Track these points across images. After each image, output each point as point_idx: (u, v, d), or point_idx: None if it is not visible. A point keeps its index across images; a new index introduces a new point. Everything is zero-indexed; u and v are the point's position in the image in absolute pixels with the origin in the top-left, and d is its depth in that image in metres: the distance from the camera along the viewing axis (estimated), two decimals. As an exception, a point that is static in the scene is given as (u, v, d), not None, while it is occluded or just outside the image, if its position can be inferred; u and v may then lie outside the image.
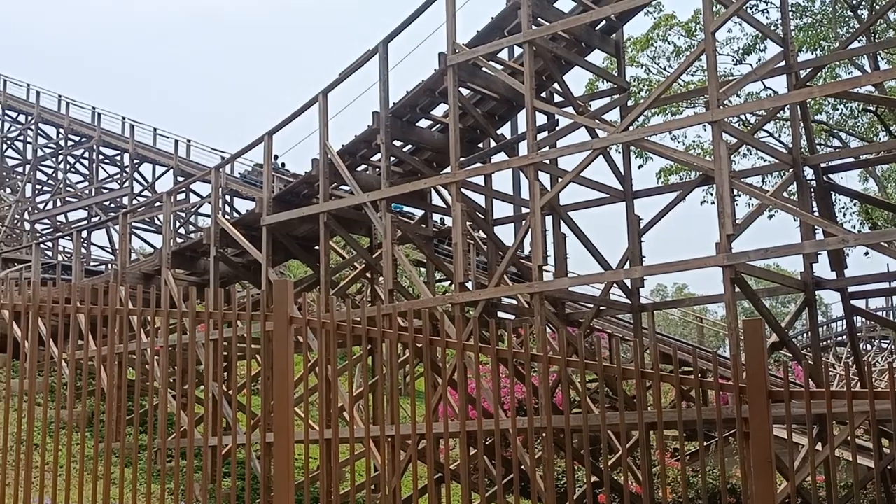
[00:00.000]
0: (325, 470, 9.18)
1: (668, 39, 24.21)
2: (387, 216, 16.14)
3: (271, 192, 18.60)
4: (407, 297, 18.75)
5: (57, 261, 33.06)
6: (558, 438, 12.30)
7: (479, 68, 16.50)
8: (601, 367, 7.69)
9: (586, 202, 17.21)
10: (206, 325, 9.38)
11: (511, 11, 16.16)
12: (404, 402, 20.76)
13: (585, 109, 17.05)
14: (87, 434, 8.54)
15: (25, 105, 43.57)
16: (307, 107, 17.92)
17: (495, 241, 17.55)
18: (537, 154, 14.87)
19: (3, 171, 45.01)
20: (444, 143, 16.66)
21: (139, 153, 38.90)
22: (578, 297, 17.11)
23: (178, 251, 20.88)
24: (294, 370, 8.54)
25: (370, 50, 16.99)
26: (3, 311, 9.48)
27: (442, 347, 7.97)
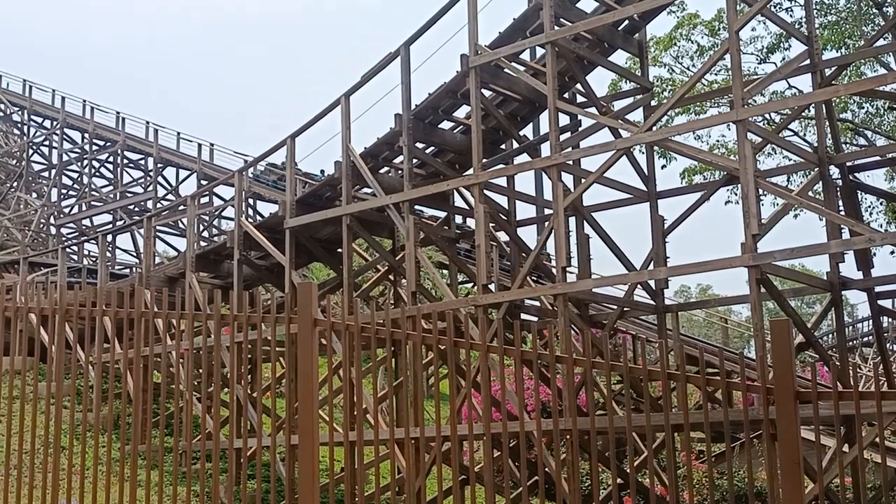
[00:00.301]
0: (350, 472, 9.18)
1: (691, 39, 24.06)
2: (409, 218, 16.15)
3: (294, 195, 18.64)
4: (430, 299, 18.74)
5: (82, 264, 33.31)
6: (583, 441, 12.23)
7: (501, 69, 16.48)
8: (626, 369, 7.64)
9: (610, 203, 17.14)
10: (231, 328, 9.41)
11: (533, 12, 16.13)
12: (428, 405, 20.75)
13: (608, 110, 16.98)
14: (114, 437, 8.58)
15: (51, 110, 43.95)
16: (329, 109, 17.96)
17: (518, 243, 17.51)
18: (560, 155, 14.82)
19: (29, 176, 45.39)
20: (467, 145, 16.64)
21: (163, 157, 39.14)
22: (602, 298, 17.03)
23: (201, 254, 20.96)
24: (318, 372, 8.54)
25: (392, 52, 17.01)
26: (30, 315, 9.54)
27: (466, 349, 7.95)
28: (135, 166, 42.36)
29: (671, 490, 7.99)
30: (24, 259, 26.49)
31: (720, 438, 13.72)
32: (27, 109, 44.83)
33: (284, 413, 15.41)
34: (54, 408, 8.66)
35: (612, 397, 16.51)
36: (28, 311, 9.36)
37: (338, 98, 17.69)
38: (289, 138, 18.71)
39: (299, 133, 18.68)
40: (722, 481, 15.49)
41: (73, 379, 8.98)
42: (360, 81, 17.58)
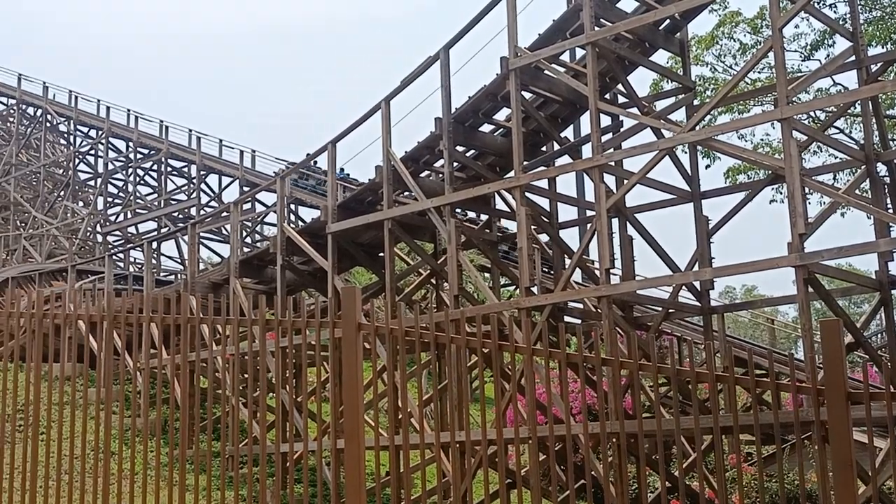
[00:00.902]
0: (395, 476, 9.18)
1: (733, 37, 23.78)
2: (451, 222, 16.13)
3: (335, 200, 18.72)
4: (472, 302, 18.74)
5: (128, 272, 33.74)
6: (630, 444, 12.13)
7: (541, 71, 16.42)
8: (674, 371, 7.56)
9: (653, 204, 16.98)
10: (276, 333, 9.46)
11: (573, 13, 16.06)
12: (473, 409, 20.72)
13: (650, 110, 16.85)
14: (162, 442, 8.66)
15: (96, 120, 44.57)
16: (370, 114, 18.01)
17: (560, 245, 17.42)
18: (602, 156, 14.73)
19: (76, 185, 46.08)
20: (507, 148, 16.60)
21: (206, 164, 39.51)
22: (646, 299, 16.90)
23: (245, 260, 21.12)
24: (363, 377, 8.55)
25: (431, 56, 17.02)
26: (78, 322, 9.66)
27: (511, 352, 7.91)
28: (178, 174, 42.83)
29: (720, 493, 7.88)
30: (72, 267, 26.85)
31: (769, 441, 13.53)
32: (73, 120, 45.51)
33: (329, 417, 15.48)
34: (103, 413, 8.75)
35: (659, 400, 16.38)
36: (77, 318, 9.48)
37: (378, 103, 17.73)
38: (330, 144, 18.79)
39: (340, 138, 18.75)
40: (772, 484, 15.28)
41: (122, 385, 9.08)
42: (399, 86, 17.61)
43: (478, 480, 14.04)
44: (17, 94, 47.82)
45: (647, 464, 13.58)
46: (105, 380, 8.95)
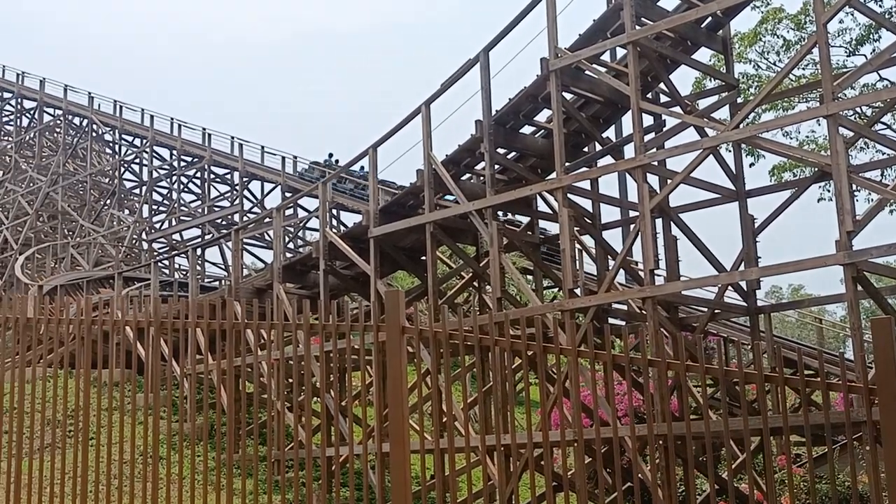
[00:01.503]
0: (440, 479, 9.15)
1: (776, 33, 23.46)
2: (493, 224, 16.10)
3: (377, 205, 18.76)
4: (515, 304, 18.67)
5: (174, 278, 34.12)
6: (677, 446, 12.01)
7: (582, 72, 16.33)
8: (722, 372, 7.46)
9: (697, 203, 16.79)
10: (320, 338, 9.48)
11: (613, 13, 15.95)
12: (517, 412, 20.64)
13: (693, 108, 16.69)
14: (208, 446, 8.73)
15: (140, 129, 45.17)
16: (410, 118, 18.03)
17: (604, 246, 17.30)
18: (645, 156, 14.60)
19: (121, 194, 46.70)
20: (549, 149, 16.52)
21: (248, 171, 39.86)
22: (692, 300, 16.72)
23: (288, 265, 21.23)
24: (407, 380, 8.55)
25: (471, 59, 17.01)
26: (126, 328, 9.76)
27: (556, 355, 7.86)
28: (221, 181, 43.26)
29: (769, 495, 7.76)
30: (119, 274, 27.19)
31: (819, 442, 13.33)
32: (118, 129, 46.16)
33: (374, 421, 15.52)
34: (152, 418, 8.83)
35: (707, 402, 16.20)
36: (125, 325, 9.58)
37: (418, 106, 17.76)
38: (370, 148, 18.84)
39: (381, 142, 18.80)
40: (822, 485, 15.04)
41: (169, 390, 9.15)
42: (439, 89, 17.62)
43: (524, 483, 13.98)
44: (64, 105, 48.63)
45: (694, 466, 13.45)
46: (153, 385, 9.03)
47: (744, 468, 14.39)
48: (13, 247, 46.16)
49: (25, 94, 51.94)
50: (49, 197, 47.64)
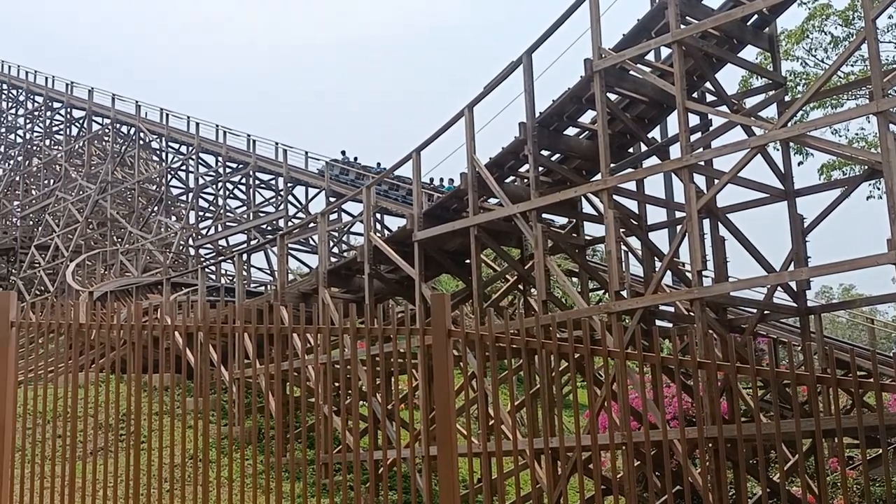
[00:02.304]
0: (488, 482, 9.11)
1: (824, 30, 23.12)
2: (538, 227, 16.03)
3: (420, 209, 18.78)
4: (560, 307, 18.58)
5: (220, 283, 34.48)
6: (727, 449, 11.86)
7: (626, 72, 16.21)
8: (773, 374, 7.34)
9: (745, 203, 16.57)
10: (366, 341, 9.51)
11: (658, 12, 15.83)
12: (564, 415, 20.54)
13: (740, 107, 16.50)
14: (256, 450, 8.78)
15: (186, 136, 45.77)
16: (453, 122, 18.02)
17: (650, 248, 17.15)
18: (691, 156, 14.45)
19: (168, 201, 47.31)
20: (593, 150, 16.42)
21: (292, 176, 40.15)
22: (740, 301, 16.50)
23: (333, 270, 21.31)
24: (454, 383, 8.53)
25: (514, 61, 16.96)
26: (175, 333, 9.86)
27: (604, 357, 7.79)
28: (266, 186, 43.63)
29: (822, 498, 7.63)
30: (167, 280, 27.53)
31: (872, 444, 13.09)
32: (165, 137, 46.79)
33: (420, 425, 15.52)
34: (201, 422, 8.90)
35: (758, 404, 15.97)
36: (174, 330, 9.68)
37: (461, 110, 17.74)
38: (414, 152, 18.86)
39: (424, 146, 18.81)
40: (876, 488, 14.77)
41: (219, 394, 9.24)
42: (483, 92, 17.58)
43: (572, 487, 13.89)
44: (112, 114, 49.42)
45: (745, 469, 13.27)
46: (202, 390, 9.12)
47: (795, 471, 14.18)
48: (64, 254, 46.96)
49: (75, 104, 52.90)
50: (98, 204, 48.40)
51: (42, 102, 56.08)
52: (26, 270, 50.09)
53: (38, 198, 54.67)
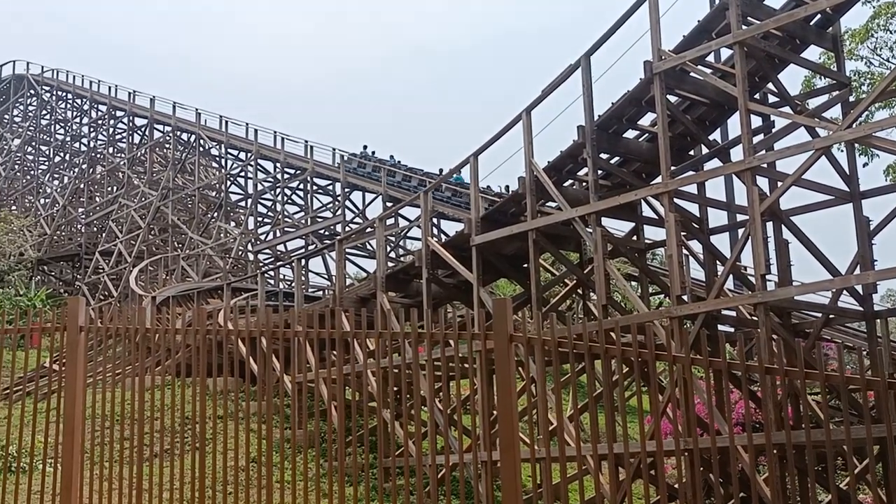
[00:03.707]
0: (548, 488, 9.07)
1: (889, 29, 22.63)
2: (597, 231, 15.93)
3: (478, 213, 18.77)
4: (620, 311, 18.42)
5: (279, 288, 34.82)
6: (793, 455, 11.64)
7: (686, 74, 16.06)
8: (843, 379, 7.19)
9: (809, 205, 16.29)
10: (427, 345, 9.51)
11: (718, 13, 15.65)
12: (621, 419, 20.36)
13: (803, 108, 16.22)
14: (315, 452, 8.84)
15: (245, 143, 46.36)
16: (511, 126, 18.01)
17: (712, 251, 16.93)
18: (754, 158, 14.25)
19: (227, 206, 47.95)
20: (653, 153, 16.28)
21: (349, 182, 40.43)
22: (805, 305, 16.22)
23: (391, 274, 21.40)
24: (516, 387, 8.50)
25: (572, 64, 16.89)
26: (232, 337, 9.97)
27: (669, 363, 7.71)
28: (323, 192, 43.98)
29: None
30: (228, 285, 27.88)
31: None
32: (224, 143, 47.45)
33: (479, 429, 15.50)
34: (262, 425, 9.00)
35: (818, 410, 15.67)
36: (238, 335, 9.78)
37: (519, 114, 17.71)
38: (472, 156, 18.87)
39: (481, 151, 18.83)
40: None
41: (282, 398, 9.32)
42: (540, 95, 17.54)
43: (636, 494, 13.77)
44: (173, 122, 50.27)
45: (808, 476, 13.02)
46: (267, 393, 9.21)
47: (864, 479, 13.89)
48: (127, 259, 47.85)
49: (137, 112, 53.93)
50: (160, 211, 49.24)
51: (105, 111, 57.30)
52: (91, 276, 51.15)
53: (101, 204, 55.84)
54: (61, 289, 53.91)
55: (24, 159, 65.97)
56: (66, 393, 9.63)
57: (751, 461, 7.42)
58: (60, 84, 62.43)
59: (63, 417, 9.55)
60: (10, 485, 9.78)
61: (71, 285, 54.09)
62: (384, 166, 38.73)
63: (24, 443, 10.10)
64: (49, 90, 64.00)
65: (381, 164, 39.77)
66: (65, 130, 63.38)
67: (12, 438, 10.20)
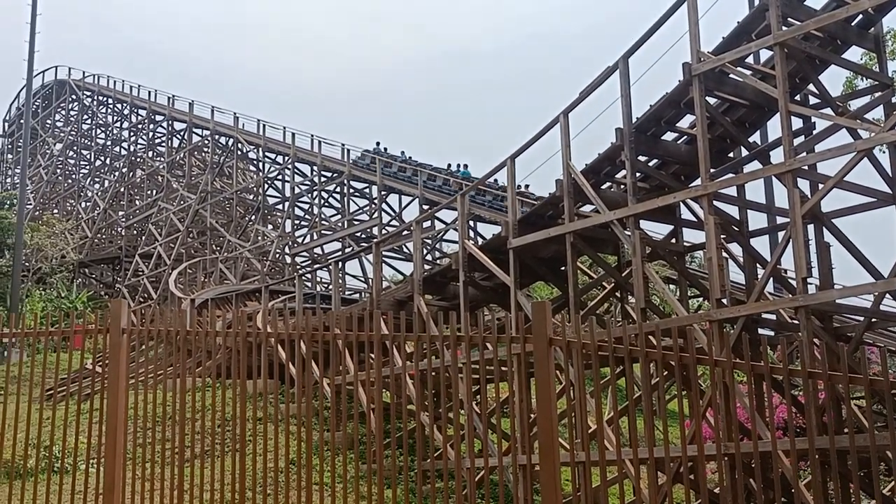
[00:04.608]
0: (586, 492, 9.02)
1: (933, 28, 22.31)
2: (635, 233, 15.84)
3: (515, 216, 18.75)
4: (659, 315, 18.29)
5: (316, 291, 35.00)
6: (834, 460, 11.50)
7: (725, 75, 15.93)
8: (888, 384, 7.09)
9: (851, 208, 16.08)
10: (466, 348, 9.52)
11: (758, 14, 15.51)
12: (659, 423, 20.21)
13: (845, 110, 16.02)
14: (351, 455, 8.87)
15: (282, 146, 46.67)
16: (548, 128, 17.96)
17: (752, 254, 16.77)
18: (795, 160, 14.09)
19: (265, 210, 48.29)
20: (692, 155, 16.16)
21: (386, 185, 40.54)
22: (847, 309, 16.00)
23: (428, 277, 21.42)
24: (555, 391, 8.48)
25: (610, 66, 16.81)
26: (271, 340, 10.03)
27: (710, 367, 7.64)
28: (360, 195, 44.13)
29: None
30: (265, 287, 28.05)
31: None
32: (262, 147, 47.80)
33: (517, 433, 15.46)
34: (299, 428, 9.05)
35: (863, 415, 15.46)
36: (277, 337, 9.85)
37: (556, 116, 17.67)
38: (509, 159, 18.85)
39: (519, 154, 18.80)
40: None
41: (321, 401, 9.36)
42: (578, 98, 17.48)
43: (676, 498, 13.66)
44: (211, 126, 50.73)
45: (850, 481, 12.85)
46: (306, 396, 9.26)
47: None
48: (166, 262, 48.37)
49: (176, 116, 54.53)
50: (198, 214, 49.72)
51: (145, 115, 58.00)
52: (130, 278, 51.76)
53: (141, 208, 56.50)
54: (102, 291, 54.64)
55: (66, 163, 66.99)
56: (109, 394, 9.74)
57: (793, 466, 7.33)
58: (101, 89, 63.33)
59: (105, 418, 9.67)
60: (53, 485, 9.91)
61: (111, 287, 54.78)
62: (410, 166, 39.62)
63: (67, 443, 10.22)
64: (90, 95, 64.97)
65: (392, 159, 40.55)
66: (105, 135, 64.31)
67: (55, 439, 10.32)
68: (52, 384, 14.87)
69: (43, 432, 10.12)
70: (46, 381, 22.00)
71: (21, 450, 11.13)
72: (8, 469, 11.17)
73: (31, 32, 44.56)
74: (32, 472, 11.40)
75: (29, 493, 10.10)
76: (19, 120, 67.28)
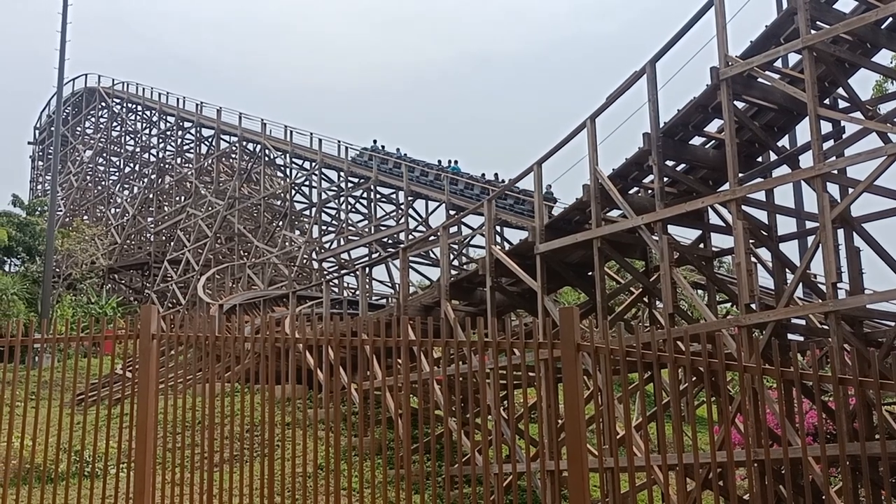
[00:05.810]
0: (614, 498, 8.99)
1: (964, 30, 22.04)
2: (663, 238, 15.78)
3: (542, 221, 18.73)
4: (687, 320, 18.20)
5: (343, 296, 35.11)
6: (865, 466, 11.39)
7: (754, 79, 15.84)
8: (921, 391, 7.02)
9: (881, 212, 15.93)
10: (494, 354, 9.52)
11: (786, 17, 15.41)
12: (687, 429, 20.09)
13: (875, 113, 15.88)
14: (379, 461, 8.88)
15: (309, 152, 46.86)
16: (575, 133, 17.94)
17: (781, 259, 16.65)
18: (824, 164, 13.99)
19: (292, 215, 48.50)
20: (720, 160, 16.08)
21: (412, 190, 40.61)
22: (877, 314, 15.86)
23: (454, 283, 21.43)
24: (583, 397, 8.46)
25: (637, 71, 16.78)
26: (299, 345, 10.08)
27: (740, 372, 7.60)
28: (387, 200, 44.21)
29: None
30: (293, 293, 28.17)
31: None
32: (289, 153, 48.02)
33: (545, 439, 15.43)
34: (327, 433, 9.08)
35: (894, 421, 15.30)
36: (305, 343, 9.89)
37: (583, 121, 17.64)
38: (535, 164, 18.84)
39: (545, 159, 18.79)
40: None
41: (349, 405, 9.39)
42: (605, 103, 17.45)
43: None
44: (239, 132, 51.05)
45: (882, 488, 12.72)
46: (335, 400, 9.29)
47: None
48: (195, 268, 48.70)
49: (204, 123, 54.93)
50: (226, 220, 50.03)
51: (174, 122, 58.48)
52: (159, 284, 52.15)
53: (170, 214, 56.95)
54: (131, 296, 55.07)
55: (96, 170, 67.67)
56: (139, 399, 9.83)
57: (824, 473, 7.27)
58: (130, 96, 63.93)
59: (135, 423, 9.75)
60: (84, 489, 10.01)
61: (140, 293, 55.22)
62: (390, 158, 40.80)
63: (98, 448, 10.33)
64: (119, 102, 65.60)
65: (388, 156, 41.23)
66: (134, 141, 64.92)
67: (86, 444, 10.43)
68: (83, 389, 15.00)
69: (74, 437, 10.22)
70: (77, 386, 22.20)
71: (52, 454, 11.27)
72: (39, 473, 11.29)
73: (62, 41, 45.00)
74: (63, 477, 11.53)
75: (60, 498, 10.20)
76: (50, 127, 68.03)
